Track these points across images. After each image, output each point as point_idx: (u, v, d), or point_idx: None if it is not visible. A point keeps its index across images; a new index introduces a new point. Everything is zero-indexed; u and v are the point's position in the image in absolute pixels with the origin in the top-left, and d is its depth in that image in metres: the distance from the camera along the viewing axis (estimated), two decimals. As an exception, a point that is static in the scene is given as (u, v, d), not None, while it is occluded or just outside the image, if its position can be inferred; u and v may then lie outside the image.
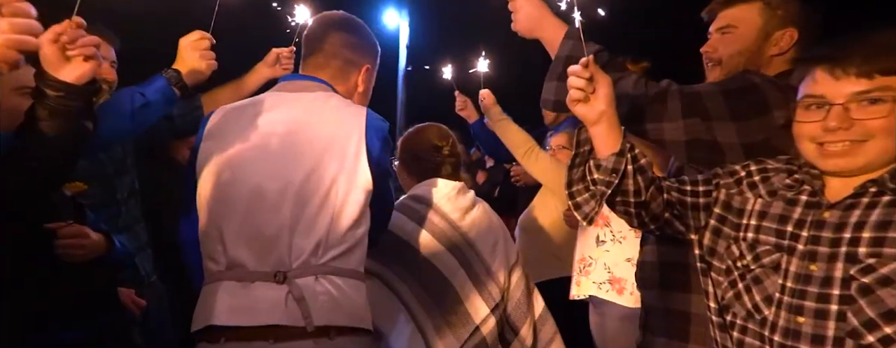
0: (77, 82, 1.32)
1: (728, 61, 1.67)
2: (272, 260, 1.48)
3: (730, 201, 1.35)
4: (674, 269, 1.62)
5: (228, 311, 1.46)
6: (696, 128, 1.50)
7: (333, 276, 1.50)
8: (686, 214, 1.39)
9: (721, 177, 1.39)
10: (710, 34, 1.74)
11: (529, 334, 1.94)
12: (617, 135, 1.33)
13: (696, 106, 1.50)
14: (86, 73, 1.32)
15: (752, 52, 1.64)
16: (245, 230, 1.50)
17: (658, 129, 1.54)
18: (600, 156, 1.35)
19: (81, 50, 1.30)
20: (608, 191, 1.34)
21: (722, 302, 1.33)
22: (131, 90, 1.83)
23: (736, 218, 1.34)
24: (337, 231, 1.51)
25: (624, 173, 1.33)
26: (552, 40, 1.67)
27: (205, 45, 1.90)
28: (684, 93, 1.53)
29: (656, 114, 1.53)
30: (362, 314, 1.55)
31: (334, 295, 1.49)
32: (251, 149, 1.56)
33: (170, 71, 1.88)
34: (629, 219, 1.43)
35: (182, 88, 1.89)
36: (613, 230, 2.43)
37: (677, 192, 1.39)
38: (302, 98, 1.65)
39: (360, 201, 1.54)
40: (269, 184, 1.52)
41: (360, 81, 1.77)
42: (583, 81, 1.30)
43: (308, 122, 1.59)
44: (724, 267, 1.33)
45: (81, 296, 1.66)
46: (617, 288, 2.40)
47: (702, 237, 1.38)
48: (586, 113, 1.33)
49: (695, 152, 1.52)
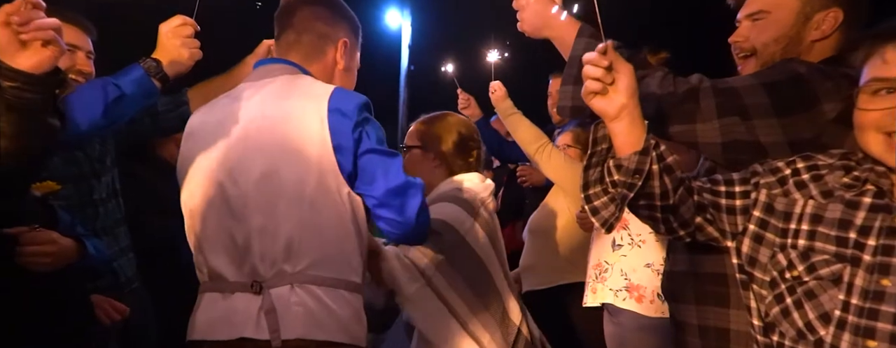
0: (34, 71, 1.15)
1: (763, 50, 1.50)
2: (247, 269, 1.42)
3: (772, 203, 1.20)
4: (709, 281, 1.46)
5: (206, 324, 1.43)
6: (735, 129, 1.34)
7: (312, 286, 1.40)
8: (721, 219, 1.24)
9: (761, 175, 1.23)
10: (739, 22, 1.58)
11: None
12: (640, 132, 1.18)
13: (733, 103, 1.35)
14: (45, 60, 1.15)
15: (790, 37, 1.47)
16: (219, 239, 1.45)
17: (690, 132, 1.38)
18: (621, 155, 1.20)
19: (36, 33, 1.13)
20: (631, 194, 1.19)
21: (766, 319, 1.17)
22: (105, 81, 1.67)
23: (781, 222, 1.18)
24: (309, 235, 1.40)
25: (648, 174, 1.18)
26: (563, 39, 1.53)
27: (187, 32, 1.74)
28: (719, 90, 1.38)
29: (688, 114, 1.38)
30: (346, 327, 1.41)
31: (310, 307, 1.38)
32: (217, 151, 1.48)
33: (148, 60, 1.72)
34: (655, 225, 1.28)
35: (162, 80, 1.73)
36: (631, 233, 2.28)
37: (710, 194, 1.24)
38: (264, 87, 1.52)
39: (334, 199, 1.41)
40: (231, 190, 1.44)
41: (338, 57, 1.62)
42: (600, 71, 1.15)
43: (264, 116, 1.46)
44: (768, 279, 1.17)
45: (47, 310, 1.51)
46: (635, 296, 2.24)
47: (740, 244, 1.23)
48: (605, 107, 1.17)
49: (733, 154, 1.36)
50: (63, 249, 1.51)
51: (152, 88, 1.74)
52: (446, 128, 1.94)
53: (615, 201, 1.24)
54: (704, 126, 1.36)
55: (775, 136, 1.31)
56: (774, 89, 1.34)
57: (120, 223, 2.08)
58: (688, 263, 1.52)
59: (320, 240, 1.40)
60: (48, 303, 1.51)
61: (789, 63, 1.41)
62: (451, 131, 1.93)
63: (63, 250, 1.51)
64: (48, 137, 1.24)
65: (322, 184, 1.40)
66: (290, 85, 1.50)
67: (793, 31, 1.47)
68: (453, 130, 1.93)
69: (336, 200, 1.41)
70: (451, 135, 1.92)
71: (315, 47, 1.59)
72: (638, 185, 1.18)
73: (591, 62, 1.15)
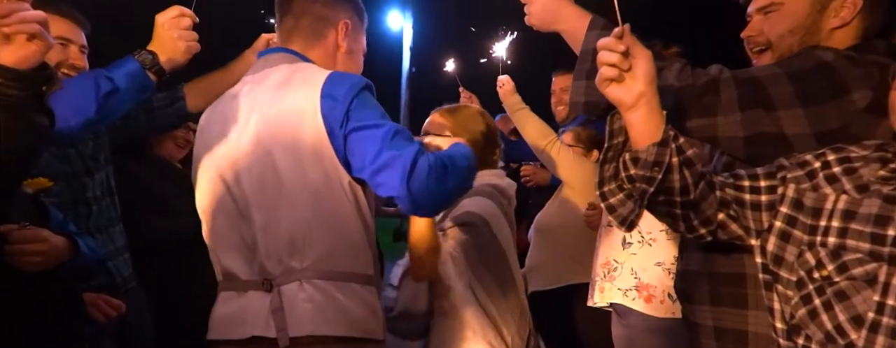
0: (18, 66, 1.08)
1: (779, 42, 1.44)
2: (257, 267, 1.40)
3: (801, 198, 1.13)
4: (726, 281, 1.40)
5: (222, 323, 1.44)
6: (759, 121, 1.28)
7: (321, 280, 1.36)
8: (745, 215, 1.18)
9: (788, 169, 1.16)
10: (750, 16, 1.52)
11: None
12: (658, 122, 1.11)
13: (756, 94, 1.29)
14: (30, 55, 1.08)
15: (807, 27, 1.41)
16: (230, 238, 1.44)
17: (710, 126, 1.32)
18: (638, 148, 1.13)
19: (20, 27, 1.06)
20: (650, 189, 1.13)
21: (792, 321, 1.11)
22: (97, 73, 1.61)
23: (810, 219, 1.12)
24: (313, 229, 1.36)
25: (668, 167, 1.11)
26: (574, 32, 1.48)
27: (185, 23, 1.67)
28: (740, 80, 1.32)
29: (707, 107, 1.31)
30: (358, 322, 1.37)
31: (320, 303, 1.34)
32: (221, 149, 1.46)
33: (143, 53, 1.66)
34: (673, 223, 1.21)
35: (158, 73, 1.67)
36: (642, 231, 2.22)
37: (733, 189, 1.18)
38: (264, 80, 1.48)
39: (335, 190, 1.36)
40: (235, 189, 1.42)
41: (339, 40, 1.56)
42: (616, 56, 1.08)
43: (262, 110, 1.42)
44: (794, 279, 1.11)
45: (38, 311, 1.45)
46: (644, 296, 2.18)
47: (765, 242, 1.17)
48: (621, 95, 1.10)
49: (756, 149, 1.30)
50: (54, 248, 1.44)
51: (147, 82, 1.68)
52: (474, 120, 1.88)
53: (633, 197, 1.17)
54: (726, 119, 1.30)
55: (801, 128, 1.25)
56: (799, 78, 1.28)
57: (115, 222, 2.03)
58: (702, 263, 1.47)
59: (325, 234, 1.36)
60: (39, 304, 1.44)
61: (814, 50, 1.35)
62: (479, 123, 1.88)
63: (54, 249, 1.44)
64: (36, 137, 1.17)
65: (321, 176, 1.35)
66: (288, 75, 1.44)
67: (809, 20, 1.41)
68: (480, 122, 1.88)
69: (337, 191, 1.37)
70: (480, 126, 1.87)
71: (314, 31, 1.54)
72: (657, 179, 1.12)
73: (607, 47, 1.08)
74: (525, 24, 1.59)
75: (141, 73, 1.65)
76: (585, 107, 1.45)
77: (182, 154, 2.47)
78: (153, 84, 1.70)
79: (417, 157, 1.28)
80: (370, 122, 1.33)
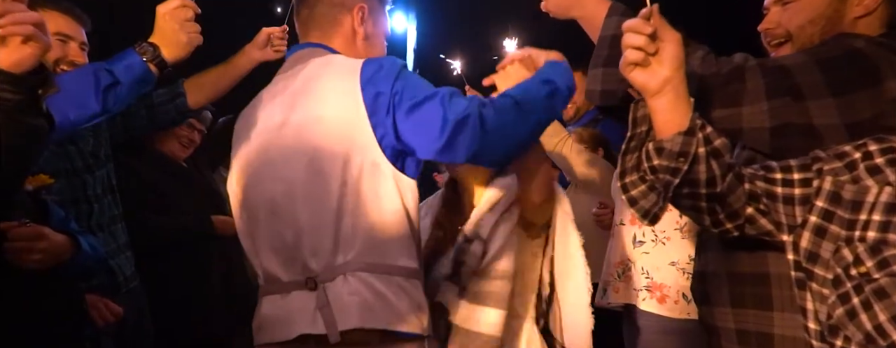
0: (13, 69, 1.05)
1: (799, 33, 1.39)
2: (299, 267, 1.38)
3: (839, 191, 1.07)
4: (748, 281, 1.35)
5: (267, 327, 1.41)
6: (786, 111, 1.23)
7: (365, 273, 1.33)
8: (776, 209, 1.12)
9: (824, 161, 1.11)
10: (766, 9, 1.48)
11: None
12: (685, 109, 1.06)
13: (784, 82, 1.24)
14: (25, 58, 1.06)
15: (828, 17, 1.36)
16: (270, 241, 1.42)
17: (734, 116, 1.27)
18: (662, 137, 1.07)
19: (14, 29, 1.03)
20: (675, 180, 1.07)
21: (829, 321, 1.05)
22: (96, 67, 1.58)
23: (849, 213, 1.06)
24: (356, 223, 1.33)
25: (694, 157, 1.06)
26: (592, 18, 1.43)
27: (186, 14, 1.63)
28: (768, 69, 1.27)
29: (732, 96, 1.26)
30: (403, 316, 1.33)
31: (365, 296, 1.31)
32: (257, 151, 1.44)
33: (144, 45, 1.62)
34: (698, 217, 1.16)
35: (159, 65, 1.63)
36: (655, 229, 2.17)
37: (764, 182, 1.12)
38: (297, 76, 1.44)
39: (378, 181, 1.33)
40: (277, 189, 1.39)
41: (356, 25, 1.51)
42: (643, 39, 1.02)
43: (299, 106, 1.39)
44: (830, 277, 1.05)
45: (38, 310, 1.41)
46: (657, 296, 2.12)
47: (799, 238, 1.11)
48: (647, 80, 1.04)
49: (782, 140, 1.25)
50: (54, 246, 1.41)
51: (148, 75, 1.64)
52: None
53: (656, 189, 1.11)
54: (751, 109, 1.25)
55: (831, 118, 1.20)
56: (830, 66, 1.23)
57: (117, 219, 1.99)
58: (722, 263, 1.41)
59: (368, 227, 1.33)
60: (39, 303, 1.41)
61: (844, 38, 1.30)
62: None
63: (54, 246, 1.41)
64: (33, 140, 1.14)
65: (363, 169, 1.32)
66: (320, 69, 1.41)
67: (830, 9, 1.36)
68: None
69: (380, 183, 1.33)
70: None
71: (329, 19, 1.50)
72: (682, 170, 1.06)
73: (633, 29, 1.03)
74: (528, 26, 1.56)
75: (142, 65, 1.62)
76: (602, 96, 1.40)
77: (186, 153, 2.44)
78: (154, 77, 1.66)
79: (481, 110, 1.26)
80: (422, 96, 1.30)
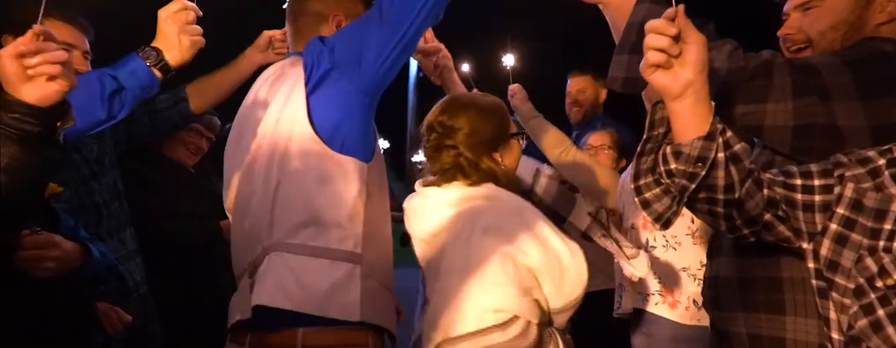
0: (38, 104, 1.11)
1: (820, 39, 1.39)
2: (248, 254, 1.42)
3: (861, 199, 1.05)
4: (760, 286, 1.33)
5: (229, 315, 1.44)
6: (811, 111, 1.21)
7: (289, 254, 1.33)
8: (796, 216, 1.10)
9: (847, 167, 1.09)
10: (786, 15, 1.47)
11: None
12: (706, 113, 1.04)
13: (812, 82, 1.22)
14: (50, 95, 1.11)
15: (850, 23, 1.36)
16: (236, 236, 1.49)
17: (758, 113, 1.25)
18: (681, 141, 1.05)
19: (43, 69, 1.08)
20: (692, 186, 1.05)
21: (850, 332, 1.04)
22: (101, 73, 1.58)
23: (872, 221, 1.04)
24: (286, 204, 1.35)
25: (713, 163, 1.04)
26: (621, 4, 1.39)
27: (187, 17, 1.61)
28: (795, 67, 1.25)
29: (757, 93, 1.24)
30: (318, 299, 1.30)
31: (280, 276, 1.31)
32: (235, 155, 1.52)
33: (147, 50, 1.61)
34: (715, 222, 1.14)
35: (163, 69, 1.62)
36: (666, 235, 2.17)
37: (783, 188, 1.10)
38: (265, 82, 1.52)
39: (308, 162, 1.35)
40: (244, 190, 1.45)
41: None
42: (666, 40, 0.99)
43: (257, 114, 1.46)
44: (852, 287, 1.04)
45: (49, 317, 1.41)
46: (669, 302, 2.12)
47: (818, 246, 1.09)
48: (668, 83, 1.02)
49: (804, 141, 1.23)
50: (66, 253, 1.41)
51: (152, 79, 1.63)
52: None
53: (671, 193, 1.10)
54: (776, 106, 1.23)
55: (857, 120, 1.18)
56: (858, 67, 1.21)
57: (125, 226, 2.00)
58: (734, 268, 1.39)
59: (298, 209, 1.34)
60: (51, 310, 1.41)
61: (871, 41, 1.30)
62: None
63: (67, 254, 1.41)
64: (46, 170, 1.19)
65: (296, 153, 1.35)
66: (283, 70, 1.48)
67: (853, 16, 1.35)
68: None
69: (315, 165, 1.35)
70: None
71: (310, 28, 1.53)
72: (700, 176, 1.04)
73: (657, 30, 1.00)
74: (530, 28, 1.54)
75: (145, 70, 1.61)
76: (624, 83, 1.37)
77: (194, 160, 2.45)
78: (158, 81, 1.65)
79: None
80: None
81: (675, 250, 2.14)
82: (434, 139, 1.60)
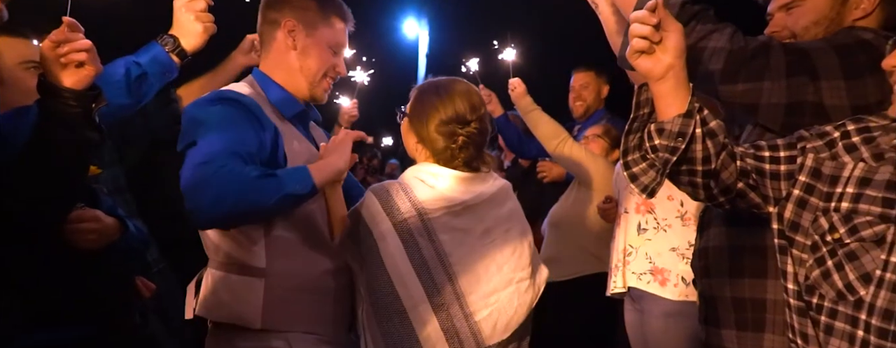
0: (75, 87, 1.27)
1: (804, 34, 1.52)
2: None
3: (819, 167, 1.19)
4: (746, 253, 1.47)
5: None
6: (802, 89, 1.34)
7: (213, 269, 1.54)
8: (764, 184, 1.23)
9: (808, 140, 1.22)
10: (770, 15, 1.60)
11: None
12: (684, 94, 1.16)
13: (803, 62, 1.35)
14: (83, 79, 1.27)
15: (831, 19, 1.49)
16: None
17: (755, 90, 1.38)
18: (663, 119, 1.18)
19: (73, 56, 1.24)
20: (673, 158, 1.18)
21: (806, 282, 1.17)
22: (126, 60, 1.69)
23: (827, 186, 1.18)
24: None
25: (692, 137, 1.16)
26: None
27: (200, 5, 1.73)
28: (789, 49, 1.39)
29: (756, 71, 1.37)
30: (223, 307, 1.50)
31: (206, 289, 1.53)
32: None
33: (165, 37, 1.73)
34: (694, 191, 1.27)
35: (180, 55, 1.74)
36: (657, 217, 2.29)
37: (753, 159, 1.23)
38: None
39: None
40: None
41: (286, 40, 1.59)
42: (648, 29, 1.12)
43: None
44: (809, 243, 1.18)
45: (95, 287, 1.56)
46: (659, 280, 2.25)
47: (783, 209, 1.22)
48: (651, 66, 1.14)
49: (795, 118, 1.36)
50: (106, 227, 1.55)
51: (171, 65, 1.75)
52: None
53: (655, 167, 1.21)
54: (772, 84, 1.35)
55: (840, 100, 1.32)
56: (844, 51, 1.35)
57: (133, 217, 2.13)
58: (724, 237, 1.53)
59: (218, 230, 1.50)
60: (96, 278, 1.55)
61: (853, 30, 1.43)
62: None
63: (107, 228, 1.55)
64: (89, 148, 1.33)
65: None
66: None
67: (832, 12, 1.49)
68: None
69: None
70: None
71: (267, 35, 1.62)
72: (681, 149, 1.16)
73: (640, 19, 1.12)
74: (533, 28, 1.63)
75: (165, 56, 1.73)
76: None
77: None
78: (176, 66, 1.77)
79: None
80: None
81: (665, 232, 2.27)
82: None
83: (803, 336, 1.19)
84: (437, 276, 1.46)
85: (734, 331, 1.48)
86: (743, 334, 1.47)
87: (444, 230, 1.48)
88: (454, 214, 1.51)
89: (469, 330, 1.47)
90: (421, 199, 1.48)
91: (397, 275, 1.44)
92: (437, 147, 1.57)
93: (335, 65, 1.64)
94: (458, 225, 1.50)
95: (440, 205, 1.49)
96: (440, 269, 1.46)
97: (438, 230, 1.48)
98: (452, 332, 1.45)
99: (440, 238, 1.48)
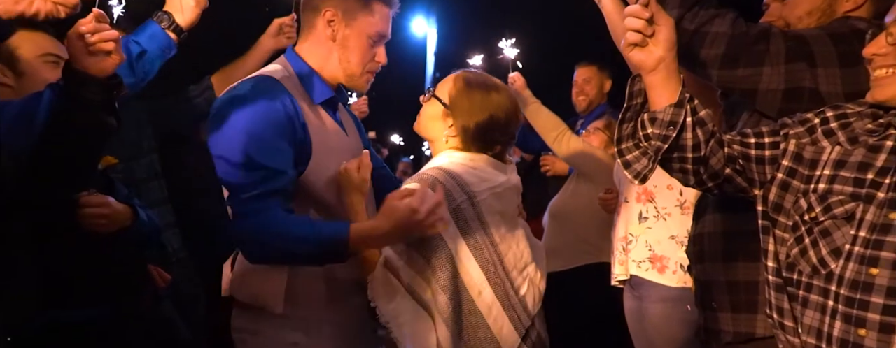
0: (99, 75, 1.30)
1: (797, 24, 1.56)
2: None
3: (801, 152, 1.25)
4: (740, 238, 1.51)
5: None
6: (800, 75, 1.39)
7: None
8: (750, 168, 1.29)
9: (790, 126, 1.28)
10: (766, 6, 1.64)
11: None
12: (675, 85, 1.22)
13: (802, 49, 1.40)
14: (107, 67, 1.31)
15: (823, 10, 1.53)
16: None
17: (755, 75, 1.42)
18: (656, 109, 1.23)
19: (102, 45, 1.28)
20: (665, 146, 1.23)
21: (787, 260, 1.23)
22: (126, 40, 1.74)
23: (808, 170, 1.23)
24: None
25: (682, 126, 1.22)
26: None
27: None
28: (789, 36, 1.43)
29: (756, 57, 1.41)
30: (248, 288, 1.53)
31: (236, 272, 1.56)
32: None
33: (160, 14, 1.79)
34: (684, 177, 1.33)
35: (176, 31, 1.80)
36: (657, 206, 2.34)
37: (740, 146, 1.29)
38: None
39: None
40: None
41: (325, 28, 1.53)
42: (641, 23, 1.17)
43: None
44: (790, 224, 1.23)
45: (107, 271, 1.62)
46: (658, 267, 2.30)
47: (767, 192, 1.28)
48: (644, 59, 1.20)
49: (791, 104, 1.40)
50: (117, 212, 1.61)
51: (169, 41, 1.80)
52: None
53: (648, 154, 1.27)
54: (771, 70, 1.40)
55: (835, 87, 1.36)
56: (839, 40, 1.39)
57: (163, 202, 2.20)
58: (720, 223, 1.57)
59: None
60: (109, 260, 1.62)
61: (848, 20, 1.47)
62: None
63: (117, 213, 1.61)
64: (107, 134, 1.37)
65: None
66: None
67: (825, 3, 1.53)
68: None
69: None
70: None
71: (307, 22, 1.58)
72: (672, 137, 1.21)
73: (633, 14, 1.17)
74: (535, 27, 1.67)
75: (162, 33, 1.79)
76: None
77: None
78: (174, 43, 1.83)
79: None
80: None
81: (664, 220, 2.31)
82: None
83: (779, 310, 1.25)
84: (491, 257, 1.53)
85: (729, 314, 1.53)
86: (737, 316, 1.52)
87: (490, 212, 1.55)
88: (497, 196, 1.57)
89: (521, 306, 1.57)
90: (469, 183, 1.53)
91: (460, 261, 1.49)
92: (472, 140, 1.59)
93: (375, 55, 1.59)
94: (497, 207, 1.57)
95: (485, 187, 1.55)
96: (492, 251, 1.54)
97: (486, 212, 1.54)
98: (510, 309, 1.54)
99: (487, 220, 1.54)
